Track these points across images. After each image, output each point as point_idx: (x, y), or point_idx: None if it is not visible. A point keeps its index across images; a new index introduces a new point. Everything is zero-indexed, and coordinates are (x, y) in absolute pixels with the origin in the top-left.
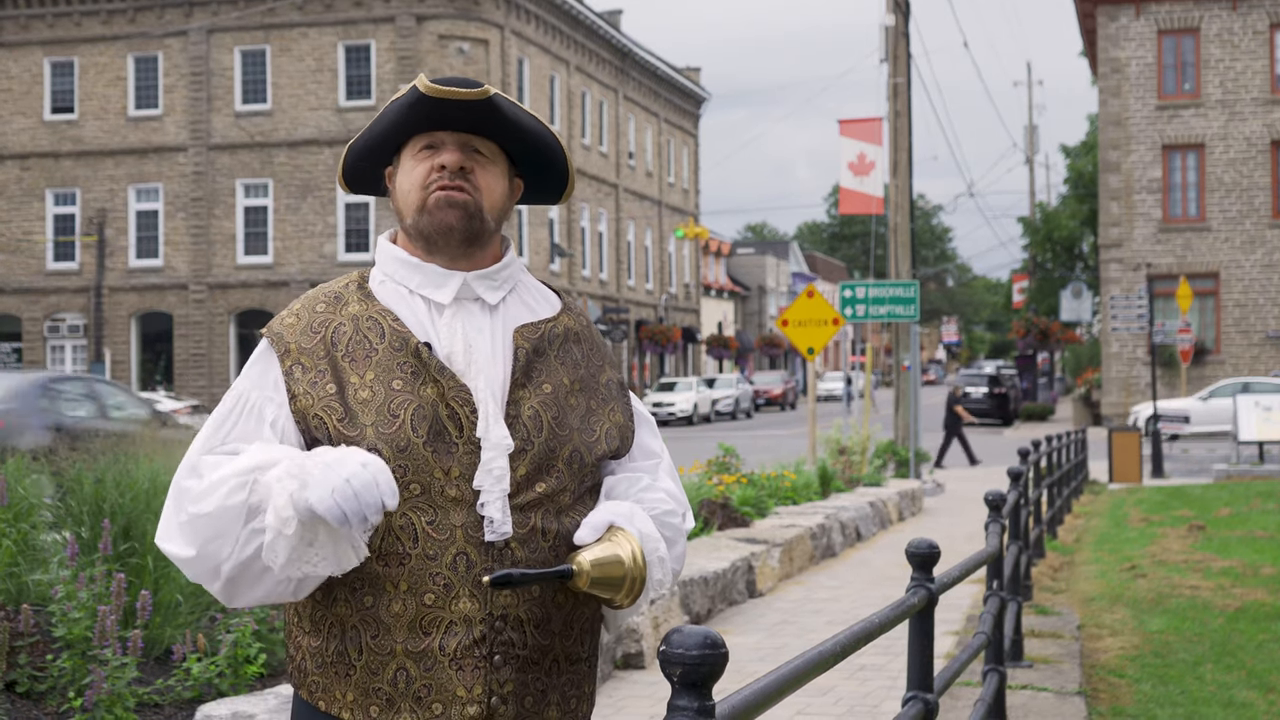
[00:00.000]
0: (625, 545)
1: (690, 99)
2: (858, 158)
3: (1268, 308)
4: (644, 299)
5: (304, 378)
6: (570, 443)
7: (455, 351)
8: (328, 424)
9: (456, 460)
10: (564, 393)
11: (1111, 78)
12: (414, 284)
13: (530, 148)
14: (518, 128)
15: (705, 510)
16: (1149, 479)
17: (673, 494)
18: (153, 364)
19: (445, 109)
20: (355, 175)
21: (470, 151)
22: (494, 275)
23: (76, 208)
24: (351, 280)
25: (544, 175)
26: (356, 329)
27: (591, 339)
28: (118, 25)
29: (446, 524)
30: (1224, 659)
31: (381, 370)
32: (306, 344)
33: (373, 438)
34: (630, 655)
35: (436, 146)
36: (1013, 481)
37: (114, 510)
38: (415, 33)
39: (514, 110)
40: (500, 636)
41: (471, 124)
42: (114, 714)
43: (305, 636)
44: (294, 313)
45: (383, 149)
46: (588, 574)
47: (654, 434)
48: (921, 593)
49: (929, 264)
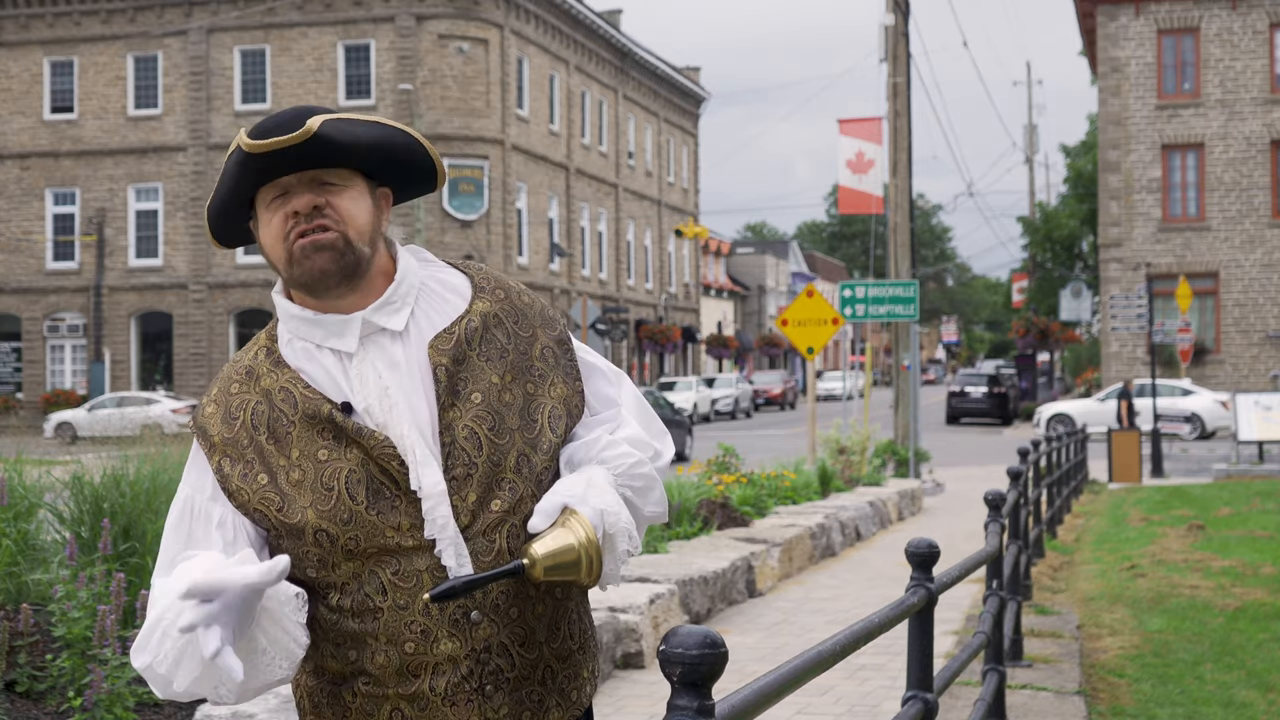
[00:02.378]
0: (577, 528)
1: (690, 98)
2: (857, 156)
3: (1267, 307)
4: (643, 299)
5: (234, 471)
6: (514, 448)
7: (371, 402)
8: (268, 516)
9: (403, 514)
10: (496, 393)
11: (1111, 77)
12: (318, 339)
13: (380, 157)
14: (357, 147)
15: (705, 510)
16: (1149, 479)
17: (636, 440)
18: (152, 363)
19: (276, 158)
20: (225, 234)
21: (319, 186)
22: (391, 299)
23: (76, 207)
24: (260, 346)
25: (406, 173)
26: (271, 406)
27: (514, 311)
28: (117, 25)
29: (411, 571)
30: (1224, 658)
31: (304, 444)
32: (229, 434)
33: (315, 519)
34: (630, 655)
35: (287, 191)
36: (1012, 481)
37: (114, 510)
38: (415, 32)
39: (349, 129)
40: (487, 667)
41: (309, 161)
42: (114, 714)
43: (304, 675)
44: (213, 400)
45: (239, 207)
46: (540, 563)
47: (608, 379)
48: (921, 592)
49: (928, 263)
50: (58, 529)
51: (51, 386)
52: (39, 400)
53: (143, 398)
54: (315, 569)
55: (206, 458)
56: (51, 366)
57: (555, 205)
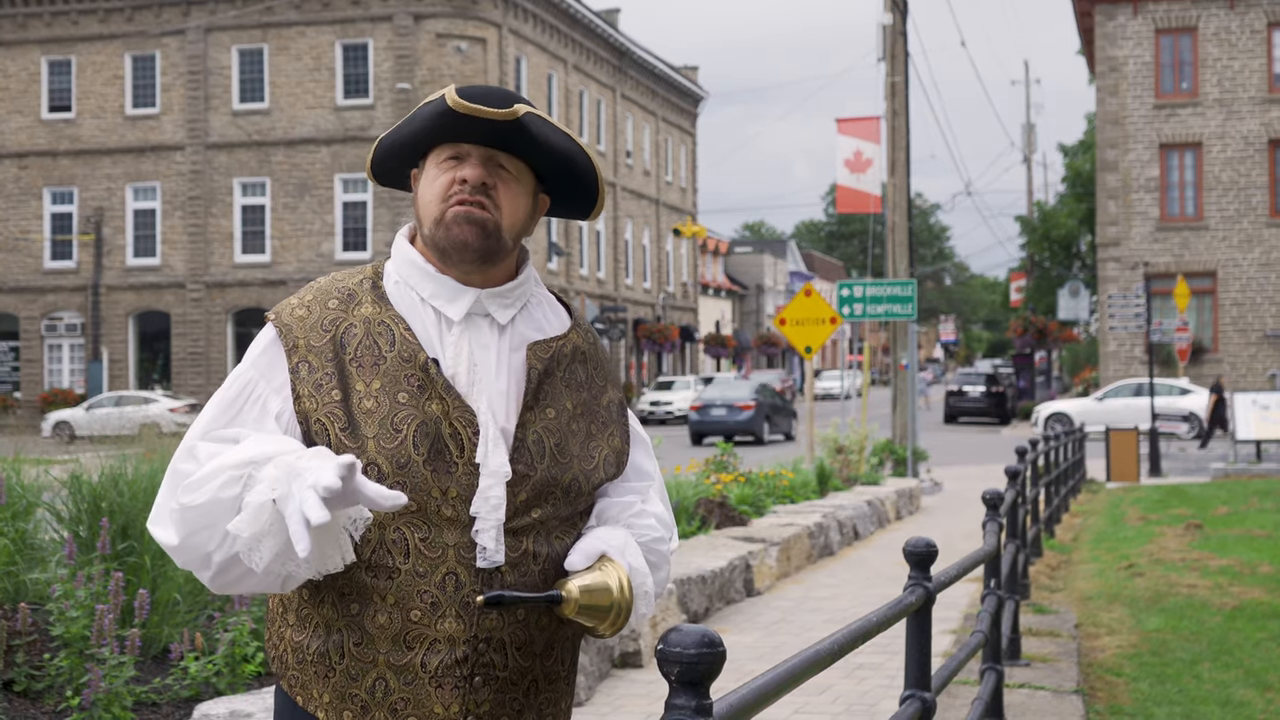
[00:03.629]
0: (614, 576)
1: (688, 98)
2: (855, 156)
3: (1265, 306)
4: (642, 298)
5: (310, 378)
6: (571, 470)
7: (460, 371)
8: (330, 431)
9: (455, 481)
10: (567, 418)
11: (1109, 76)
12: (426, 293)
13: (559, 166)
14: (546, 147)
15: (703, 509)
16: (1147, 478)
17: (662, 519)
18: (150, 363)
19: (472, 123)
20: (383, 170)
21: (494, 167)
22: (508, 293)
23: (74, 206)
24: (366, 276)
25: (572, 191)
26: (367, 333)
27: (597, 357)
28: (115, 24)
29: (439, 542)
30: (1221, 657)
31: (388, 380)
32: (316, 342)
33: (373, 451)
34: (628, 654)
35: (461, 158)
36: (1010, 480)
37: (112, 509)
38: (413, 31)
39: (544, 129)
40: (483, 658)
41: (498, 140)
42: (111, 713)
43: (289, 629)
44: (305, 304)
45: (410, 151)
46: (576, 601)
47: (648, 454)
48: (919, 591)
49: (926, 263)
50: (56, 528)
51: (49, 386)
52: (37, 399)
53: (141, 397)
54: None
55: (286, 354)
56: (49, 366)
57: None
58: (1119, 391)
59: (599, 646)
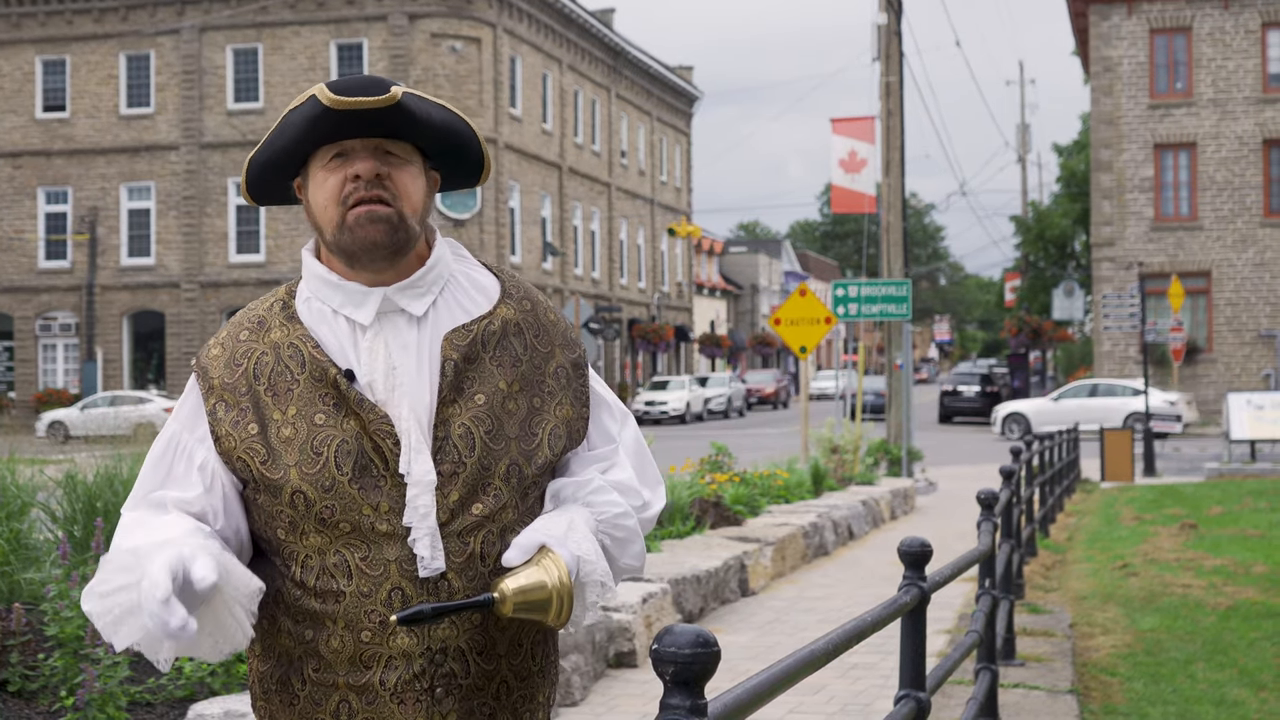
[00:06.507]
0: (552, 569)
1: (683, 97)
2: (849, 156)
3: (1259, 306)
4: (636, 297)
5: (226, 417)
6: (507, 456)
7: (376, 378)
8: (251, 466)
9: (384, 495)
10: (500, 399)
11: (1104, 76)
12: (336, 303)
13: (444, 140)
14: (429, 125)
15: (698, 509)
16: (1141, 478)
17: (626, 486)
18: (145, 363)
19: (350, 119)
20: (260, 188)
21: (383, 155)
22: (418, 283)
23: (68, 206)
24: (277, 299)
25: (459, 162)
26: (278, 358)
27: (537, 324)
28: (110, 23)
29: (380, 559)
30: (1216, 657)
31: (303, 404)
32: (229, 379)
33: (296, 480)
34: (622, 653)
35: (347, 154)
36: (1005, 480)
37: (107, 509)
38: (407, 31)
39: (423, 106)
40: (441, 669)
41: (382, 128)
42: (106, 713)
43: (255, 660)
44: (220, 342)
45: (290, 161)
46: (510, 600)
47: (614, 415)
48: (914, 591)
49: (921, 263)
50: (50, 528)
51: (44, 386)
52: (31, 399)
53: (135, 397)
54: (286, 530)
55: (203, 398)
56: (44, 365)
57: (548, 204)
58: (1075, 392)
59: (595, 646)
